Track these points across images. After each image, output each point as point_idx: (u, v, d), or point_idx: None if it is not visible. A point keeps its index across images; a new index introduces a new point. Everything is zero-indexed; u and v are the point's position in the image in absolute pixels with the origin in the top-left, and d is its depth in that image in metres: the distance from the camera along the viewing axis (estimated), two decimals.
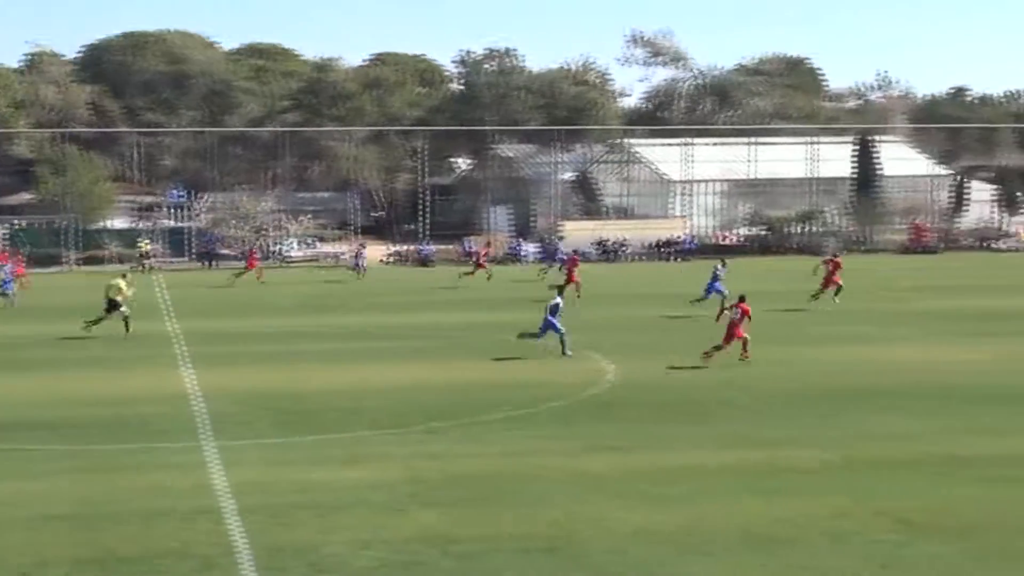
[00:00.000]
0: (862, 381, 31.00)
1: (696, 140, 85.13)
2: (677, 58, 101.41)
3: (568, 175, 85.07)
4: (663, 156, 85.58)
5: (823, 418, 26.62)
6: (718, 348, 33.68)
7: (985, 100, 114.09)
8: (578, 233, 75.07)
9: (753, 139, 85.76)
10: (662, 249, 75.51)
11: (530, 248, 76.30)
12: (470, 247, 74.50)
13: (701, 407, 27.86)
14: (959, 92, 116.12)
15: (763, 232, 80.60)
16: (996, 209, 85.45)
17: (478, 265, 60.08)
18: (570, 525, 18.73)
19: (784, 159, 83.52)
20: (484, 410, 27.30)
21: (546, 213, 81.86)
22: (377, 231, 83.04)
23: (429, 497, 20.31)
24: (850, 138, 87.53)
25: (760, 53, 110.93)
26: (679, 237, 77.04)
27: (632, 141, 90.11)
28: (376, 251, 74.84)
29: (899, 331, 40.57)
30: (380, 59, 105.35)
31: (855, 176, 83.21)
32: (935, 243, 79.48)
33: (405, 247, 76.26)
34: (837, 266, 47.89)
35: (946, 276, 57.13)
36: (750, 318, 34.20)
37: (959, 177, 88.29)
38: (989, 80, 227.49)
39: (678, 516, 19.17)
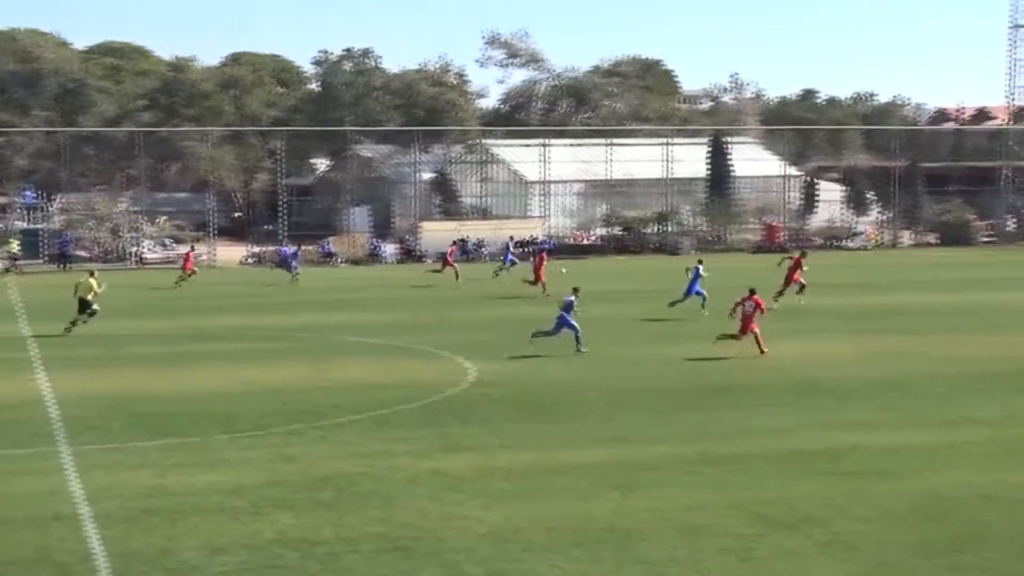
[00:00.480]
0: (724, 378, 31.59)
1: (553, 141, 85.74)
2: (534, 59, 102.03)
3: (427, 175, 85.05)
4: (521, 157, 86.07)
5: (680, 414, 27.10)
6: (733, 337, 35.16)
7: (833, 102, 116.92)
8: (437, 233, 75.19)
9: (609, 140, 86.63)
10: (521, 249, 75.96)
11: (389, 248, 76.17)
12: (328, 248, 74.13)
13: (560, 406, 28.16)
14: (808, 94, 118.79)
15: (620, 232, 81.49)
16: (845, 209, 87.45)
17: (446, 263, 59.55)
18: (426, 525, 18.86)
19: (640, 160, 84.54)
20: (344, 411, 27.29)
21: (405, 213, 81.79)
22: (235, 232, 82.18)
23: (288, 500, 20.28)
24: (704, 139, 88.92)
25: (616, 55, 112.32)
26: (537, 237, 77.53)
27: (490, 142, 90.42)
28: (234, 252, 74.12)
29: (761, 327, 41.29)
30: (236, 59, 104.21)
31: (709, 176, 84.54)
32: (787, 242, 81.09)
33: (264, 248, 75.57)
34: (799, 264, 47.69)
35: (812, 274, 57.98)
36: (763, 311, 35.79)
37: (809, 177, 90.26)
38: (837, 82, 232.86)
39: (534, 514, 19.41)
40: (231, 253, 73.56)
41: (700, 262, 46.99)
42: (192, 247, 67.62)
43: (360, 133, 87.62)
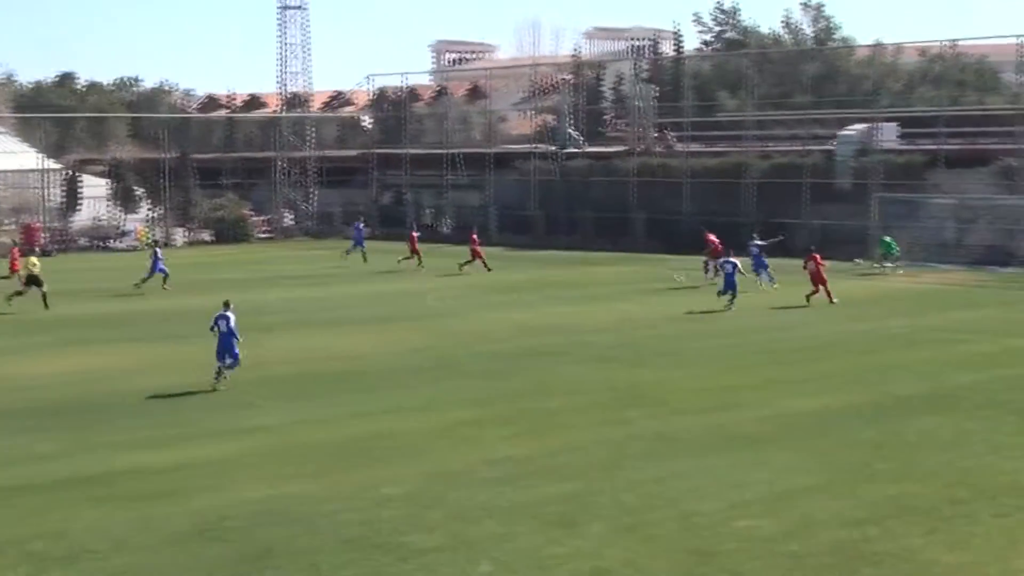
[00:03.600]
0: None
1: None
2: None
3: None
4: None
5: None
6: (814, 292, 46.96)
7: (95, 88, 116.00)
8: None
9: None
10: None
11: None
12: None
13: None
14: (66, 79, 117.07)
15: None
16: (112, 205, 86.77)
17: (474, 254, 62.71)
18: None
19: None
20: None
21: None
22: None
23: None
24: None
25: None
26: None
27: None
28: None
29: (26, 341, 40.20)
30: None
31: None
32: (49, 244, 79.24)
33: None
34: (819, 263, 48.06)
35: (65, 280, 56.99)
36: (821, 264, 47.24)
37: (71, 171, 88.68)
38: (97, 66, 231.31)
39: None
40: None
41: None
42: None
43: None
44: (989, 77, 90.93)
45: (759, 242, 52.99)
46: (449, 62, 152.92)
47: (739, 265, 47.30)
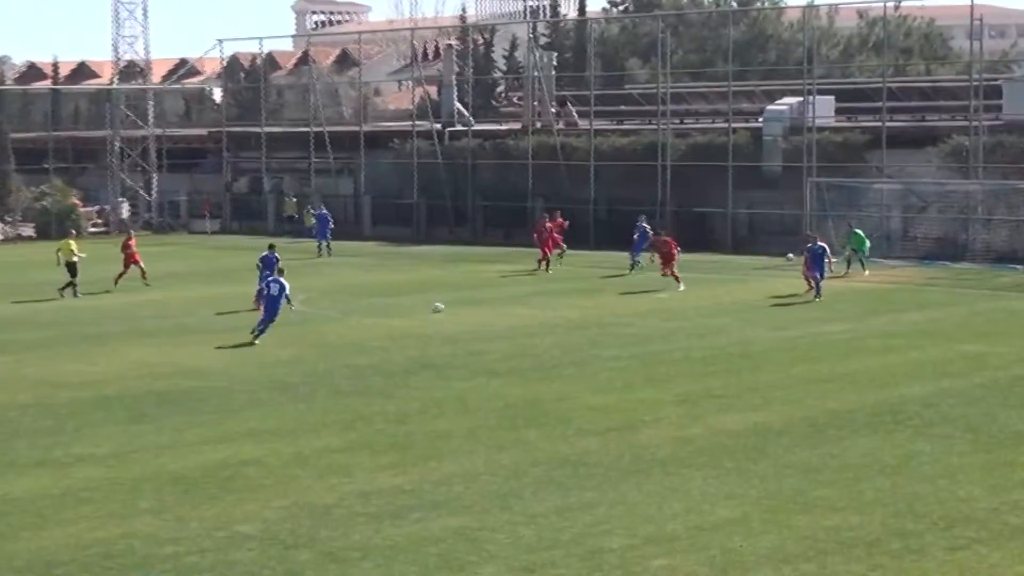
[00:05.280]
0: None
1: None
2: None
3: None
4: None
5: None
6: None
7: None
8: None
9: None
10: None
11: None
12: None
13: None
14: None
15: None
16: None
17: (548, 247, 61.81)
18: None
19: None
20: None
21: None
22: None
23: None
24: None
25: None
26: None
27: None
28: None
29: None
30: None
31: None
32: None
33: None
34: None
35: None
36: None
37: None
38: None
39: None
40: None
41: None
42: None
43: None
44: (938, 44, 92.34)
45: (646, 224, 59.02)
46: (314, 25, 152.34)
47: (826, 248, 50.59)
